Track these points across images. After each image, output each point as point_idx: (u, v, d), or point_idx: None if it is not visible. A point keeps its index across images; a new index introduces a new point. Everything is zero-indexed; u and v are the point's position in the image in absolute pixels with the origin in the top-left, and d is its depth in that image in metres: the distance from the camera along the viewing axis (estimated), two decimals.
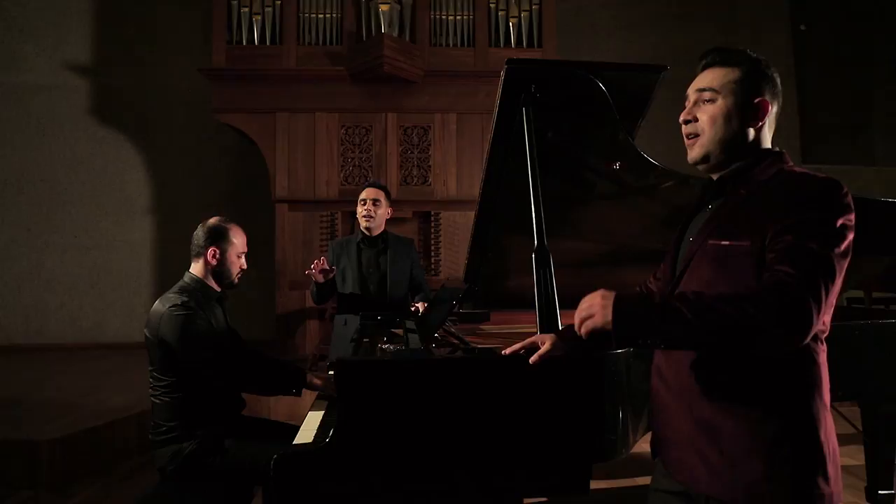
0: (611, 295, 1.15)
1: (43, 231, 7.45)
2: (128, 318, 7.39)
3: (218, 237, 2.42)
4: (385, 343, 2.54)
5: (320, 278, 3.09)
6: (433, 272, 6.15)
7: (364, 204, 3.29)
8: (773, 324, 1.05)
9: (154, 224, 7.63)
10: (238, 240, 2.44)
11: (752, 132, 1.30)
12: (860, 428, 2.76)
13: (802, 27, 8.03)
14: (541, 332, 1.71)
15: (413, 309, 3.04)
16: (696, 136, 1.34)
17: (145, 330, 2.31)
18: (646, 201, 2.63)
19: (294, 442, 1.79)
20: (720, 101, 1.31)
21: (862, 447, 2.82)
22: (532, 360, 1.56)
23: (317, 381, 2.32)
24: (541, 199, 1.88)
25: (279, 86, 6.13)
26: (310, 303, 4.97)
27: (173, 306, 2.25)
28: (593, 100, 2.04)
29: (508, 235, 2.57)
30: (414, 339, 2.41)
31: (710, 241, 1.25)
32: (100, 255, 7.54)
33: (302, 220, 6.11)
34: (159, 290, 2.42)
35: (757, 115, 1.29)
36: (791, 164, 1.29)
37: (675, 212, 2.70)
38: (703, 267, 1.26)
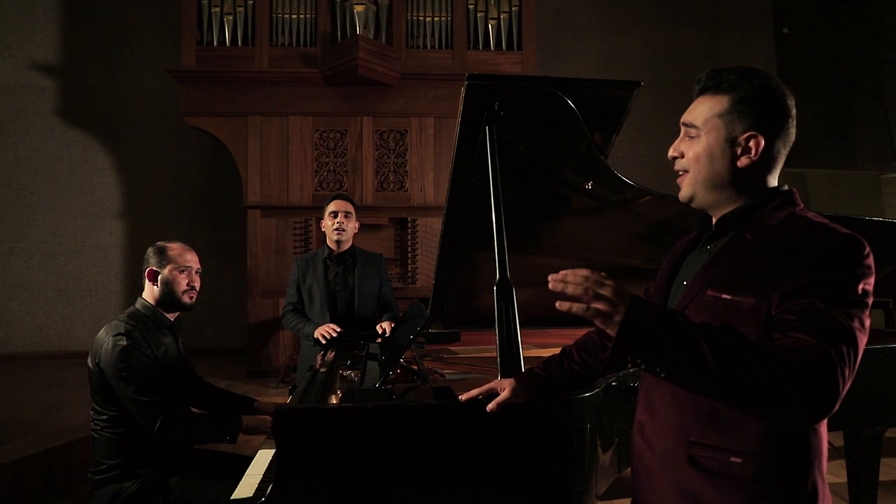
0: (629, 293, 0.97)
1: (8, 236, 7.21)
2: (97, 326, 7.09)
3: (156, 256, 2.27)
4: (347, 369, 2.42)
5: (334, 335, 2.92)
6: (410, 280, 6.01)
7: (336, 217, 3.14)
8: (800, 398, 0.90)
9: (125, 229, 7.42)
10: (179, 256, 2.28)
11: (746, 171, 1.15)
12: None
13: (785, 30, 7.96)
14: (501, 375, 1.57)
15: (379, 329, 2.90)
16: (684, 173, 1.21)
17: (88, 357, 2.17)
18: (623, 216, 2.52)
19: (234, 495, 1.64)
20: (703, 139, 1.17)
21: (842, 462, 2.75)
22: (490, 407, 1.43)
23: (251, 423, 2.16)
24: (503, 227, 1.74)
25: (251, 88, 5.95)
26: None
27: (117, 335, 2.11)
28: (562, 116, 1.91)
29: (479, 253, 2.44)
30: (373, 369, 2.28)
31: (710, 292, 1.11)
32: (68, 260, 7.32)
33: (275, 226, 5.95)
34: (130, 297, 2.27)
35: (748, 151, 1.14)
36: (801, 205, 1.15)
37: (653, 228, 2.60)
38: (698, 318, 1.09)
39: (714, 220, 1.22)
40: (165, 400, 2.10)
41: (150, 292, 2.28)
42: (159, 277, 2.25)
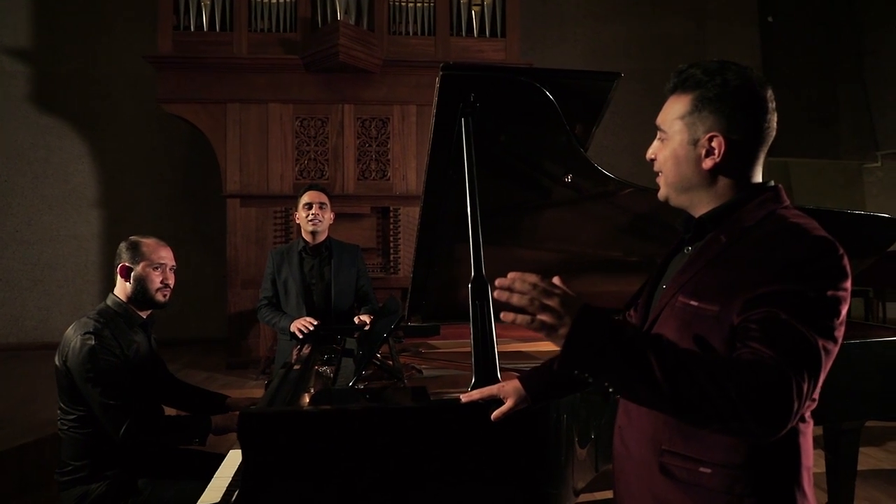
0: (577, 302, 0.93)
1: None
2: (74, 316, 6.92)
3: (129, 252, 2.20)
4: (323, 365, 2.37)
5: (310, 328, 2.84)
6: (392, 270, 5.95)
7: (310, 208, 3.06)
8: (751, 416, 0.86)
9: (102, 218, 7.28)
10: (153, 252, 2.20)
11: (714, 172, 1.10)
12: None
13: (770, 19, 7.94)
14: (476, 377, 1.52)
15: (358, 321, 2.85)
16: (661, 174, 1.18)
17: (56, 355, 2.10)
18: (605, 208, 2.49)
19: (202, 499, 1.59)
20: (669, 143, 1.14)
21: (821, 451, 2.75)
22: (493, 417, 1.38)
23: (221, 423, 2.10)
24: (479, 222, 1.69)
25: (230, 75, 5.82)
26: None
27: (85, 334, 2.04)
28: (541, 108, 1.86)
29: (459, 245, 2.40)
30: (347, 366, 2.23)
31: (680, 298, 1.06)
32: (44, 250, 7.17)
33: (255, 215, 5.84)
34: (108, 288, 2.21)
35: (712, 153, 1.09)
36: (786, 202, 1.09)
37: (636, 219, 2.56)
38: (668, 325, 1.08)
39: (695, 219, 1.18)
40: (133, 403, 2.04)
41: (121, 289, 2.21)
42: (132, 274, 2.18)
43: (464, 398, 1.44)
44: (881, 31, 7.78)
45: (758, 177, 1.13)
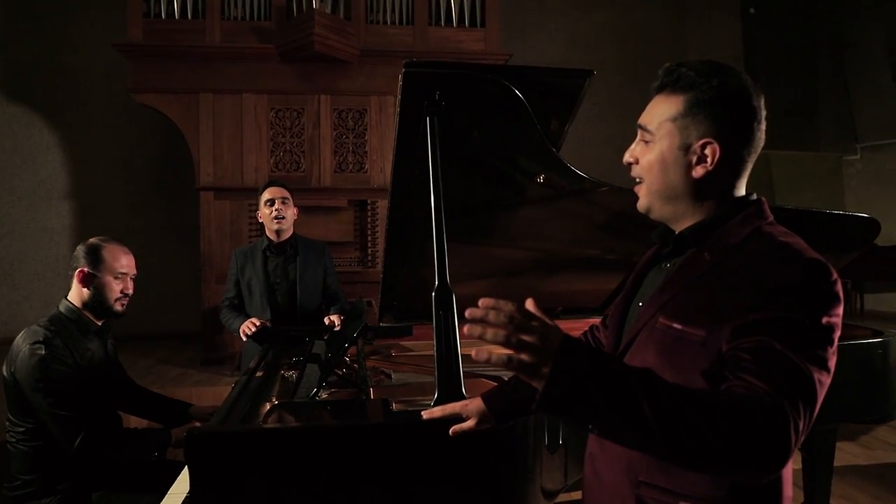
0: (557, 335, 0.83)
1: None
2: (45, 310, 6.77)
3: (89, 257, 2.09)
4: (290, 369, 2.29)
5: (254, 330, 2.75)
6: (370, 264, 5.86)
7: (272, 204, 2.96)
8: (747, 457, 0.80)
9: (73, 210, 7.11)
10: (115, 260, 2.10)
11: (703, 181, 1.02)
12: None
13: (752, 10, 7.91)
14: (438, 392, 1.45)
15: (327, 322, 2.77)
16: (641, 181, 1.09)
17: (3, 365, 2.00)
18: (581, 205, 2.43)
19: None
20: (656, 146, 1.05)
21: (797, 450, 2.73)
22: (452, 431, 1.30)
23: (181, 434, 2.02)
24: (444, 229, 1.61)
25: (202, 64, 5.66)
26: None
27: (35, 343, 1.94)
28: (510, 106, 1.78)
29: (431, 243, 2.33)
30: (312, 373, 2.15)
31: (661, 320, 0.99)
32: (13, 243, 6.99)
33: (229, 208, 5.72)
34: None
35: (704, 160, 1.01)
36: (770, 217, 1.03)
37: (613, 217, 2.51)
38: (648, 348, 1.01)
39: (676, 234, 1.10)
40: (87, 415, 1.95)
41: (77, 294, 2.11)
42: (90, 282, 2.08)
43: (425, 415, 1.37)
44: (861, 24, 7.78)
45: (742, 189, 1.06)
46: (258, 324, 2.73)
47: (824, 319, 0.87)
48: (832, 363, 0.88)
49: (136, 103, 6.00)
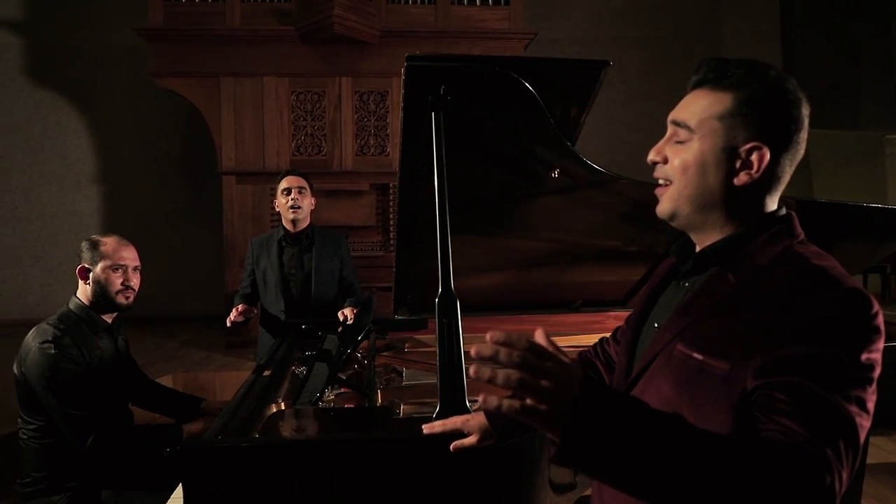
0: (576, 377, 0.73)
1: None
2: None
3: (88, 252, 2.08)
4: (301, 364, 2.26)
5: (240, 319, 2.74)
6: (392, 248, 5.80)
7: (288, 193, 2.91)
8: None
9: (101, 193, 7.20)
10: (114, 253, 2.08)
11: (742, 191, 0.92)
12: None
13: None
14: (441, 405, 1.39)
15: (341, 316, 2.73)
16: (667, 184, 0.98)
17: (14, 363, 2.00)
18: (602, 195, 2.33)
19: None
20: (695, 144, 0.93)
21: None
22: (453, 447, 1.25)
23: (192, 430, 2.01)
24: (448, 233, 1.54)
25: (223, 47, 5.63)
26: None
27: (44, 342, 1.93)
28: (521, 99, 1.69)
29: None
30: (319, 372, 2.11)
31: (680, 347, 0.90)
32: (44, 226, 7.12)
33: (251, 193, 5.72)
34: None
35: (749, 166, 0.91)
36: (801, 235, 0.93)
37: (636, 207, 2.41)
38: (665, 378, 0.92)
39: (696, 249, 1.00)
40: (97, 413, 1.94)
41: (83, 291, 2.10)
42: (91, 276, 2.07)
43: (425, 429, 1.32)
44: None
45: (773, 205, 0.95)
46: (241, 309, 2.76)
47: (864, 356, 0.78)
48: (871, 405, 0.78)
49: (159, 87, 6.01)
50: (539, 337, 0.77)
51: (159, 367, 5.03)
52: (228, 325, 2.70)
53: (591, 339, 2.64)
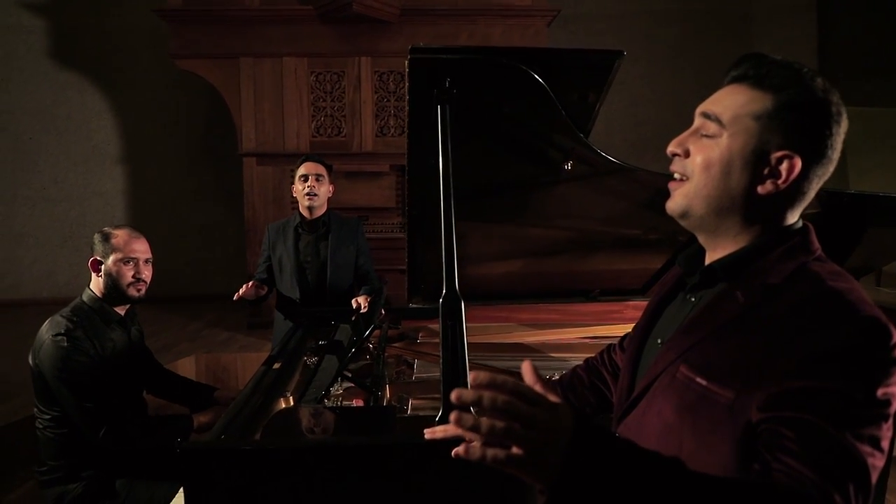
0: (566, 423, 0.69)
1: (10, 184, 7.11)
2: None
3: (100, 244, 2.10)
4: (313, 357, 2.26)
5: (251, 295, 2.72)
6: None
7: (305, 180, 2.91)
8: None
9: (126, 174, 7.27)
10: (125, 245, 2.09)
11: (764, 201, 0.86)
12: None
13: None
14: (443, 409, 1.37)
15: (354, 305, 2.72)
16: (684, 179, 0.91)
17: (29, 355, 2.04)
18: (621, 182, 2.28)
19: None
20: (724, 141, 0.87)
21: None
22: (454, 454, 1.23)
23: (203, 420, 2.02)
24: (453, 231, 1.51)
25: (242, 27, 5.59)
26: None
27: (57, 335, 1.96)
28: (532, 90, 1.63)
29: (461, 222, 2.25)
30: (328, 366, 2.11)
31: (683, 369, 0.86)
32: (72, 207, 7.23)
33: (272, 174, 5.71)
34: None
35: (776, 175, 0.85)
36: (818, 251, 0.87)
37: (657, 195, 2.34)
38: (666, 401, 0.88)
39: (706, 259, 0.95)
40: (110, 405, 1.96)
41: (95, 283, 2.13)
42: (103, 268, 2.08)
43: (427, 434, 1.29)
44: None
45: (792, 220, 0.90)
46: (250, 284, 2.73)
47: (881, 391, 0.73)
48: (886, 442, 0.73)
49: (181, 68, 6.01)
50: (526, 374, 0.73)
51: (183, 347, 5.10)
52: (235, 299, 2.69)
53: (608, 330, 2.61)
